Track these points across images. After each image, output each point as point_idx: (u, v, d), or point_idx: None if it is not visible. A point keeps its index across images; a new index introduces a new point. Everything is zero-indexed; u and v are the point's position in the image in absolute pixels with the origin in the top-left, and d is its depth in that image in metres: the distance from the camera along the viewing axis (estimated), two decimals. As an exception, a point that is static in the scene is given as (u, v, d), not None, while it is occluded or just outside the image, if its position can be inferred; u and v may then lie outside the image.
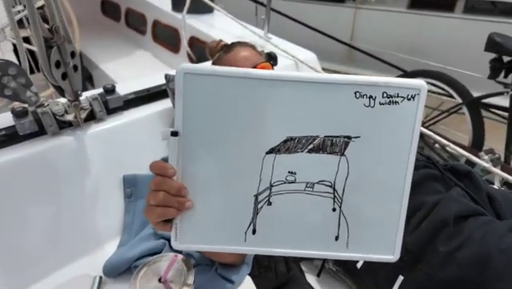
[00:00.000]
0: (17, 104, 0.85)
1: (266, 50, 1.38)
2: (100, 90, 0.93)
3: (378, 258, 0.41)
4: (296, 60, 1.36)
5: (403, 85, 0.39)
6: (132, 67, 2.06)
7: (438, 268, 0.59)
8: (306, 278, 0.74)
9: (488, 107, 1.63)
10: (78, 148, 0.84)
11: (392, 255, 0.41)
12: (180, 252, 0.64)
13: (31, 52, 1.45)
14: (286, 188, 0.41)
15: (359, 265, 0.66)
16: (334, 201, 0.41)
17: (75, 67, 0.76)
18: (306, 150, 0.40)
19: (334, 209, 0.41)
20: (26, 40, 1.86)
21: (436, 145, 1.76)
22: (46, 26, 0.68)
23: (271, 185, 0.40)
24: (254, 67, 0.88)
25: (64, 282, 0.75)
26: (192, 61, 1.81)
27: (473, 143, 1.57)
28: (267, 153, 0.40)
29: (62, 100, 0.86)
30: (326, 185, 0.41)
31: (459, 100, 1.59)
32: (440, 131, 1.78)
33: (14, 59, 1.64)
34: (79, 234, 0.83)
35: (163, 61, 2.09)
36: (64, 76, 0.74)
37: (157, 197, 0.38)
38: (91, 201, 0.85)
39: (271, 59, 1.27)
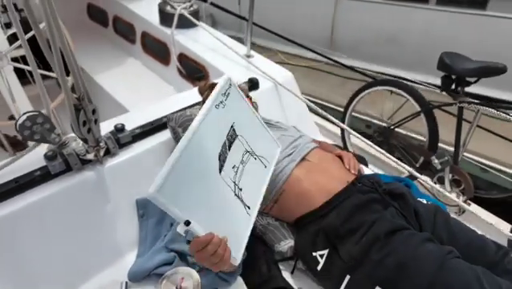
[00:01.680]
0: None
1: (247, 72, 1.57)
2: (111, 128, 1.11)
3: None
4: (275, 82, 1.55)
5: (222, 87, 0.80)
6: (124, 77, 2.20)
7: (373, 271, 0.83)
8: (282, 275, 0.99)
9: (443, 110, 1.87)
10: (98, 180, 1.04)
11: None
12: (188, 265, 0.87)
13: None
14: (241, 165, 0.83)
15: (319, 267, 0.90)
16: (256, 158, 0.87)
17: (96, 121, 0.95)
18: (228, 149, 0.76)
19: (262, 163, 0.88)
20: (23, 59, 1.98)
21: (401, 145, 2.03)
22: (74, 95, 0.86)
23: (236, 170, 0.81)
24: None
25: (97, 286, 0.98)
26: (182, 75, 1.98)
27: (428, 145, 1.83)
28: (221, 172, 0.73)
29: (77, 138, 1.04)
30: (245, 152, 0.86)
31: (417, 108, 1.83)
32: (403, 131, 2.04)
33: (15, 79, 1.79)
34: (104, 249, 1.04)
35: (154, 71, 2.23)
36: (89, 130, 0.93)
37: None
38: (111, 222, 1.07)
39: (253, 84, 1.47)
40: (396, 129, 2.03)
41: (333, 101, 3.50)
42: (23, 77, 1.84)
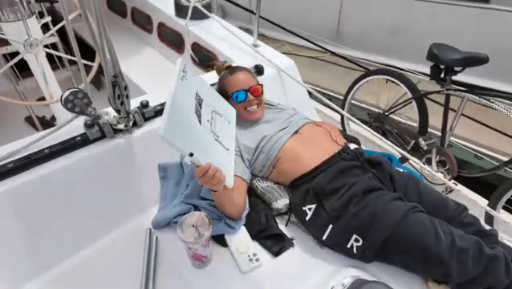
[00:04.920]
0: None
1: (254, 60, 1.75)
2: (137, 103, 1.32)
3: None
4: (278, 69, 1.74)
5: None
6: (142, 63, 2.40)
7: (350, 221, 1.03)
8: (278, 226, 1.19)
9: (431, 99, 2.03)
10: (127, 146, 1.25)
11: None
12: (199, 210, 1.09)
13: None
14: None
15: (307, 218, 1.10)
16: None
17: (127, 96, 1.15)
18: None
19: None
20: (54, 46, 2.20)
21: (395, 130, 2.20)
22: (112, 73, 1.07)
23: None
24: (249, 88, 1.29)
25: (126, 231, 1.20)
26: (195, 62, 2.18)
27: (419, 129, 2.00)
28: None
29: (111, 111, 1.25)
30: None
31: (410, 95, 1.99)
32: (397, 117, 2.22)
33: (47, 64, 2.00)
34: (131, 203, 1.26)
35: (169, 59, 2.43)
36: (122, 103, 1.13)
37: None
38: (137, 181, 1.28)
39: (259, 70, 1.66)
40: (391, 116, 2.21)
41: (335, 90, 3.67)
42: (51, 62, 2.06)
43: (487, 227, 1.06)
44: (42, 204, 1.11)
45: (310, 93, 1.93)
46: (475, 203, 1.34)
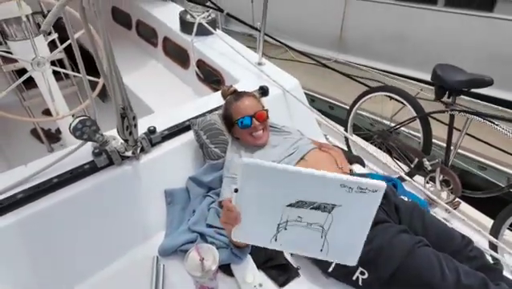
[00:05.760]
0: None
1: (258, 79, 1.77)
2: (143, 129, 1.33)
3: (343, 263, 0.84)
4: (283, 90, 1.75)
5: (370, 185, 0.72)
6: (147, 77, 2.42)
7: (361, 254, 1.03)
8: (284, 255, 1.20)
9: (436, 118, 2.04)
10: (134, 172, 1.27)
11: (354, 263, 0.83)
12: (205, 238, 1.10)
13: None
14: (295, 223, 0.81)
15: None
16: (321, 233, 0.81)
17: (135, 125, 1.17)
18: (309, 208, 0.78)
19: (321, 236, 0.81)
20: (61, 62, 2.21)
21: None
22: (120, 105, 1.08)
23: (287, 221, 0.81)
24: (254, 114, 1.30)
25: (134, 259, 1.21)
26: (199, 78, 2.19)
27: (423, 148, 2.00)
28: (287, 206, 0.78)
29: (118, 137, 1.26)
30: (318, 225, 0.80)
31: (414, 113, 2.00)
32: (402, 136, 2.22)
33: (54, 81, 2.02)
34: (138, 230, 1.27)
35: (174, 73, 2.44)
36: (130, 133, 1.15)
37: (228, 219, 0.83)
38: (144, 207, 1.29)
39: (264, 92, 1.67)
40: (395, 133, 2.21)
41: (336, 97, 3.74)
42: (57, 74, 2.07)
43: (492, 261, 1.06)
44: (49, 233, 1.12)
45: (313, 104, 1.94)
46: (479, 223, 1.35)
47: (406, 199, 1.24)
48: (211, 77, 2.07)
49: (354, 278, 1.03)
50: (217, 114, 1.45)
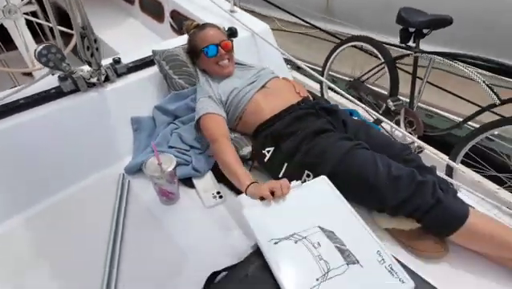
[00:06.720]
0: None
1: (230, 25, 1.81)
2: (110, 60, 1.39)
3: None
4: (252, 32, 1.79)
5: (401, 273, 0.72)
6: (124, 35, 2.45)
7: (302, 158, 1.12)
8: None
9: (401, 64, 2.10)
10: (100, 100, 1.33)
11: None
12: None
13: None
14: (308, 245, 0.80)
15: (265, 159, 1.20)
16: (322, 277, 0.73)
17: (97, 49, 1.22)
18: (335, 245, 0.79)
19: (317, 279, 0.73)
20: (34, 14, 2.24)
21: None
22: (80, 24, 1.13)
23: (305, 237, 0.82)
24: (220, 42, 1.36)
25: (101, 177, 1.28)
26: (174, 30, 2.23)
27: (390, 91, 2.08)
28: (318, 227, 0.85)
29: (85, 68, 1.32)
30: (326, 266, 0.75)
31: (382, 60, 2.07)
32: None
33: (28, 32, 2.05)
34: (106, 153, 1.34)
35: (151, 29, 2.48)
36: (92, 55, 1.20)
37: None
38: (111, 133, 1.36)
39: (232, 33, 1.72)
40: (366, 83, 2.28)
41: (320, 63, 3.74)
42: (35, 36, 2.11)
43: (429, 165, 1.14)
44: (17, 151, 1.18)
45: (287, 61, 2.00)
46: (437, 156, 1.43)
47: (357, 118, 1.32)
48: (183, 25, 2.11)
49: (302, 180, 1.12)
50: (181, 47, 1.51)
